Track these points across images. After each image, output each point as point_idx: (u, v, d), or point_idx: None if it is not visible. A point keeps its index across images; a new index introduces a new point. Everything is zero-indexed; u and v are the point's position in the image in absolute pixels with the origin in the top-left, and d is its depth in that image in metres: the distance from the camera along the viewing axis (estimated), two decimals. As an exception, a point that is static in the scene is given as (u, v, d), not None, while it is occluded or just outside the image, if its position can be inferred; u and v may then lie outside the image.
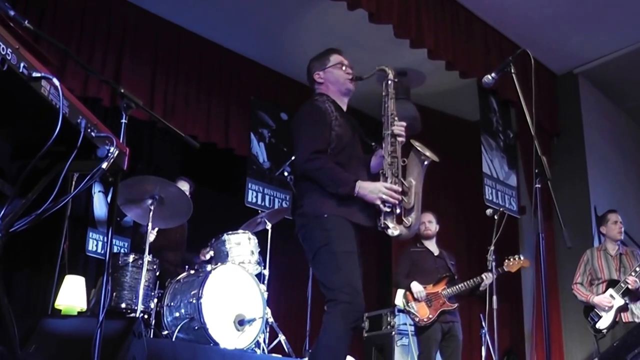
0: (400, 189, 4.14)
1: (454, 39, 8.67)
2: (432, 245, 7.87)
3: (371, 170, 4.52)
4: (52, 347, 3.97)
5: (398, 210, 4.14)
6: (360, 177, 4.25)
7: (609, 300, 7.24)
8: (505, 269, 7.61)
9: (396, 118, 4.37)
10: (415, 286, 7.53)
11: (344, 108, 4.59)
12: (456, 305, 7.53)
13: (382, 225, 4.12)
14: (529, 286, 9.80)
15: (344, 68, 4.60)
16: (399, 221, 4.16)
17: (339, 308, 3.86)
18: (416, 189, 4.23)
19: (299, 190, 4.41)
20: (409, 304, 7.55)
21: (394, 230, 4.10)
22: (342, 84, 4.56)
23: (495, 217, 7.64)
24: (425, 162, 4.32)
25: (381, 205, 4.08)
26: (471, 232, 10.69)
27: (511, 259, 7.64)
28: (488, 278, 7.53)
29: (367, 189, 4.11)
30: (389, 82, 4.50)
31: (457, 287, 7.52)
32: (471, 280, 7.50)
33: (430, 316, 7.39)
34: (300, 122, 4.38)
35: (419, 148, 4.31)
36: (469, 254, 10.37)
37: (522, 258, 7.69)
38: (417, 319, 7.46)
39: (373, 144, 4.61)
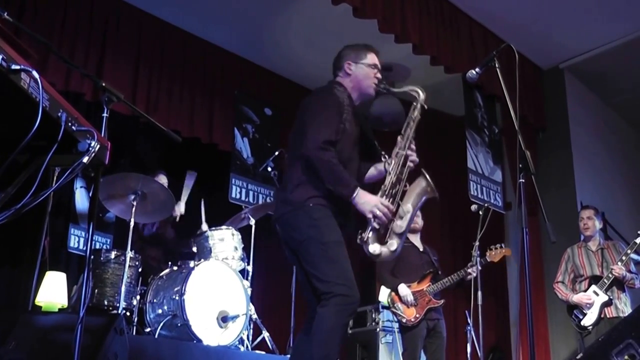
0: (394, 210, 4.08)
1: (439, 34, 8.68)
2: (416, 240, 7.82)
3: (364, 180, 4.49)
4: (32, 343, 3.96)
5: (383, 230, 4.09)
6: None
7: (588, 297, 7.25)
8: (489, 259, 7.59)
9: (413, 143, 4.33)
10: (403, 289, 7.40)
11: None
12: (442, 301, 7.51)
13: (364, 240, 4.07)
14: (514, 282, 9.85)
15: (375, 72, 4.54)
16: (381, 241, 4.10)
17: (334, 301, 3.80)
18: (411, 216, 4.18)
19: (289, 174, 4.30)
20: (395, 305, 7.48)
21: (374, 248, 4.06)
22: (368, 86, 4.50)
23: (480, 212, 7.63)
24: (427, 196, 4.27)
25: (371, 219, 4.03)
26: (456, 228, 10.73)
27: (493, 249, 7.63)
28: (473, 272, 7.52)
29: (364, 199, 4.02)
30: (418, 105, 4.46)
31: (441, 282, 7.48)
32: (455, 274, 7.47)
33: (417, 315, 7.33)
34: (316, 105, 4.27)
35: (428, 179, 4.24)
36: (453, 250, 10.40)
37: (503, 247, 7.67)
38: (404, 320, 7.39)
39: (383, 153, 4.54)
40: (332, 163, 4.03)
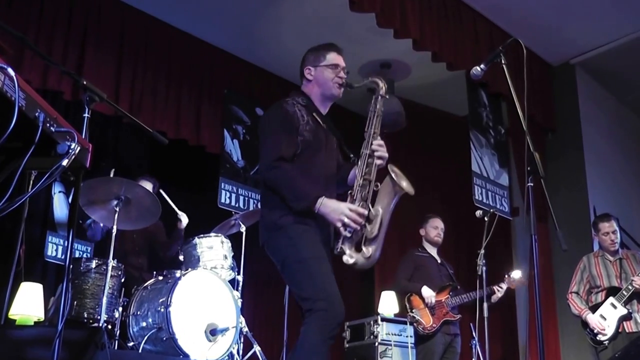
0: (365, 214, 4.06)
1: (441, 28, 8.69)
2: (434, 253, 7.98)
3: (348, 182, 4.49)
4: None
5: (357, 237, 4.07)
6: (328, 189, 4.27)
7: (602, 327, 7.20)
8: (507, 284, 7.69)
9: (378, 137, 4.32)
10: (427, 291, 7.63)
11: (324, 112, 4.58)
12: (459, 316, 7.61)
13: (339, 250, 4.05)
14: (523, 293, 9.83)
15: (338, 71, 4.55)
16: (358, 249, 4.09)
17: (315, 317, 3.85)
18: (382, 219, 4.14)
19: (261, 198, 4.44)
20: (413, 310, 7.61)
21: (349, 258, 4.04)
22: (330, 88, 4.53)
23: (486, 218, 7.62)
24: (398, 194, 4.21)
25: (341, 229, 4.02)
26: (459, 235, 10.71)
27: (511, 276, 7.71)
28: (501, 290, 7.57)
29: (330, 207, 4.04)
30: (379, 97, 4.42)
31: (460, 297, 7.58)
32: (475, 292, 7.51)
33: (434, 325, 7.47)
34: (266, 126, 4.39)
35: (394, 176, 4.19)
36: (457, 258, 10.38)
37: (522, 276, 7.76)
38: (420, 327, 7.50)
39: (352, 156, 4.56)
40: (286, 178, 4.12)
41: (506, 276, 7.75)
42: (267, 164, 4.14)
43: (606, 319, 7.24)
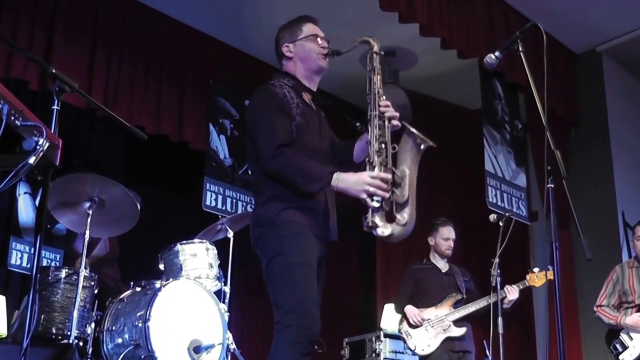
0: (390, 178, 4.01)
1: (451, 11, 8.65)
2: (440, 262, 7.93)
3: (354, 159, 4.50)
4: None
5: (387, 205, 4.02)
6: None
7: None
8: (528, 284, 7.64)
9: (384, 97, 4.29)
10: (409, 309, 7.56)
11: (314, 88, 4.60)
12: (464, 330, 7.54)
13: (370, 224, 3.99)
14: (542, 307, 9.83)
15: (319, 41, 4.57)
16: (390, 219, 4.03)
17: (286, 333, 3.87)
18: (410, 179, 4.10)
19: (254, 194, 4.45)
20: (405, 330, 7.56)
21: (384, 229, 3.98)
22: (315, 60, 4.55)
23: (500, 223, 7.60)
24: (422, 146, 4.18)
25: (368, 200, 3.97)
26: (471, 242, 10.71)
27: (536, 271, 7.65)
28: (511, 292, 7.50)
29: (349, 180, 4.01)
30: (374, 55, 4.45)
31: (463, 308, 7.55)
32: (483, 300, 7.48)
33: (430, 345, 7.40)
34: (257, 113, 4.37)
35: (412, 130, 4.18)
36: (468, 268, 10.40)
37: (550, 268, 7.68)
38: (413, 348, 7.47)
39: (358, 124, 4.56)
40: (293, 162, 4.11)
41: (529, 273, 7.69)
42: (268, 154, 4.11)
43: (633, 339, 7.21)
